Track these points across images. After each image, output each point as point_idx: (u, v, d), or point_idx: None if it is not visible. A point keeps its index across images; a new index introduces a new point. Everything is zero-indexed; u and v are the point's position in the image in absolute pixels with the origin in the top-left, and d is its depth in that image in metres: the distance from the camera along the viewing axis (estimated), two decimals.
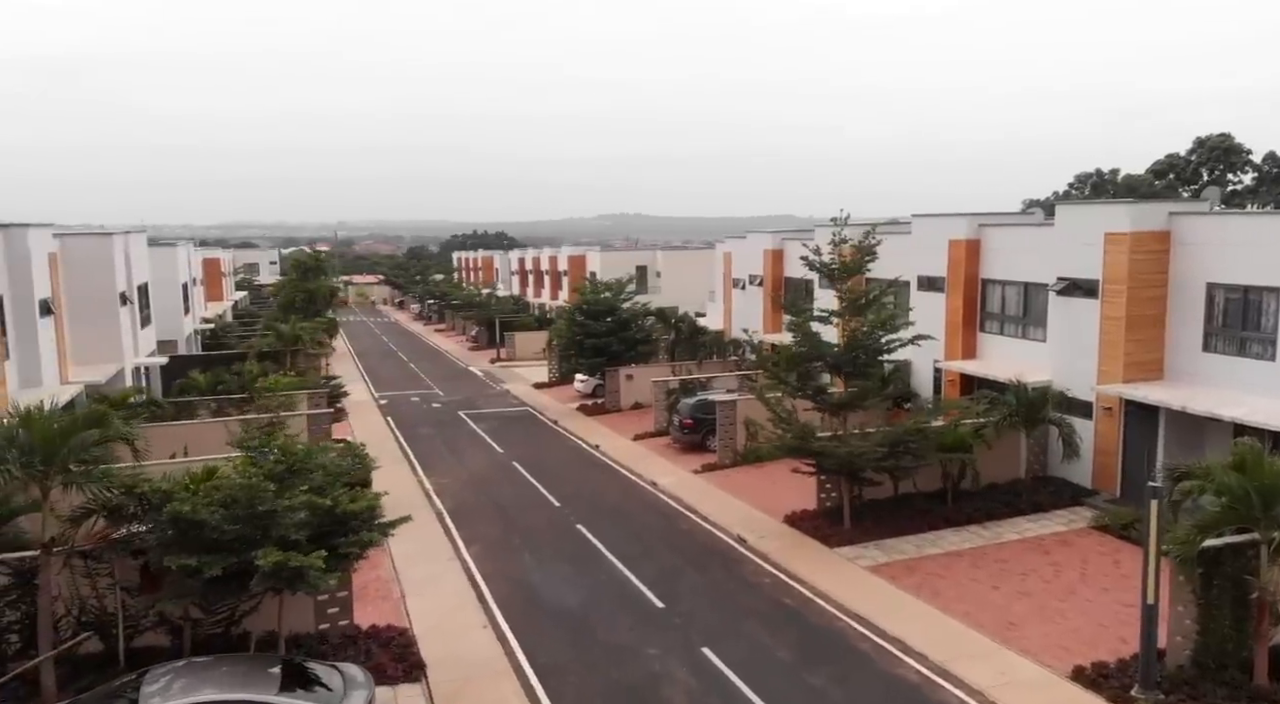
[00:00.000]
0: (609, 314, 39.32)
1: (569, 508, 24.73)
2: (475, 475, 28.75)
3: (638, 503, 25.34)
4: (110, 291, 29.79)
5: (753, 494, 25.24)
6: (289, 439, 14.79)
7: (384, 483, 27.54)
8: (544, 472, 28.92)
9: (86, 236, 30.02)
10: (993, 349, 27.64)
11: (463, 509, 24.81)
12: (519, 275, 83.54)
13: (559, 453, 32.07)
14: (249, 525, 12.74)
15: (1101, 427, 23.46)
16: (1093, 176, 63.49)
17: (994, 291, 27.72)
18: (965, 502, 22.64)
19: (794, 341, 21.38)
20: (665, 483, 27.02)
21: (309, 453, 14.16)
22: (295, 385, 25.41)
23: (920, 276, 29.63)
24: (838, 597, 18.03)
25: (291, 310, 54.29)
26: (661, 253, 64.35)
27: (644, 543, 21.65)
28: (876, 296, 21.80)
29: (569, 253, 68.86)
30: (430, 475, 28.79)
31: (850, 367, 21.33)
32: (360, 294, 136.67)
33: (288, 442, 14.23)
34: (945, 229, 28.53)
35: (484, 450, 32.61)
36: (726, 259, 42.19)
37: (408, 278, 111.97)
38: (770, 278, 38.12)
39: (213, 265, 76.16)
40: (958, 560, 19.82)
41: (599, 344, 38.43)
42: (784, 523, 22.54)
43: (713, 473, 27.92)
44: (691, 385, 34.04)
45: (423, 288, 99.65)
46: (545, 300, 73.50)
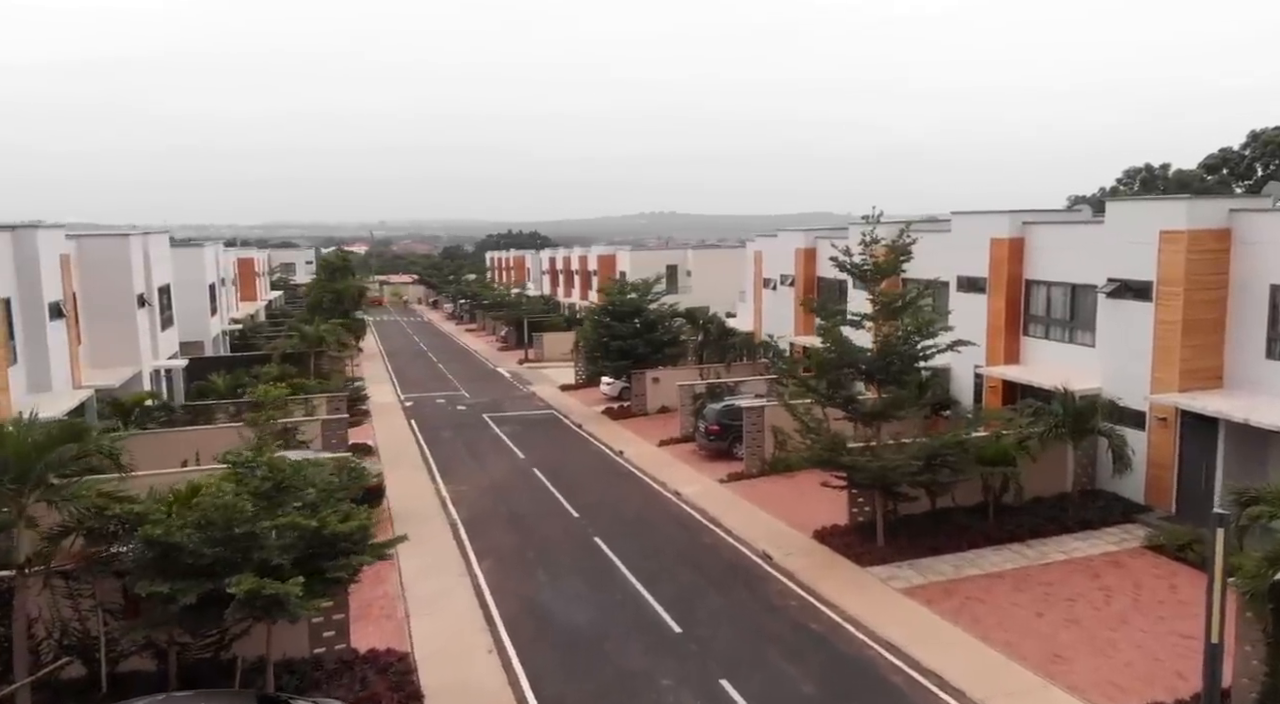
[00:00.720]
0: (635, 315, 38.28)
1: (587, 519, 23.73)
2: (494, 483, 27.87)
3: (659, 514, 24.27)
4: (127, 293, 29.39)
5: (780, 506, 24.05)
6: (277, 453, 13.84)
7: (401, 490, 26.98)
8: (564, 479, 27.96)
9: (102, 238, 29.65)
10: (1037, 354, 26.13)
11: (478, 519, 23.93)
12: (549, 275, 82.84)
13: (581, 459, 31.10)
14: (229, 548, 11.88)
15: (1155, 438, 21.92)
16: (1142, 172, 61.12)
17: (1039, 293, 26.20)
18: (1008, 517, 21.25)
19: (824, 347, 20.12)
20: (689, 492, 25.91)
21: (298, 469, 13.27)
22: (287, 394, 24.42)
23: (960, 277, 28.18)
24: (869, 622, 16.80)
25: (319, 311, 53.95)
26: (692, 252, 63.14)
27: (663, 559, 20.57)
28: (912, 299, 20.49)
29: (598, 252, 67.93)
30: (448, 482, 27.97)
31: (884, 374, 20.04)
32: (395, 294, 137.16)
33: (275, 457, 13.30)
34: (987, 227, 27.06)
35: (505, 456, 31.75)
36: (757, 258, 40.92)
37: (441, 278, 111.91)
38: (802, 278, 36.80)
39: (247, 265, 76.50)
40: (999, 583, 18.48)
41: (625, 346, 37.41)
42: (813, 538, 21.32)
43: (739, 482, 26.76)
44: (718, 390, 32.88)
45: (455, 288, 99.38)
46: (575, 300, 72.66)
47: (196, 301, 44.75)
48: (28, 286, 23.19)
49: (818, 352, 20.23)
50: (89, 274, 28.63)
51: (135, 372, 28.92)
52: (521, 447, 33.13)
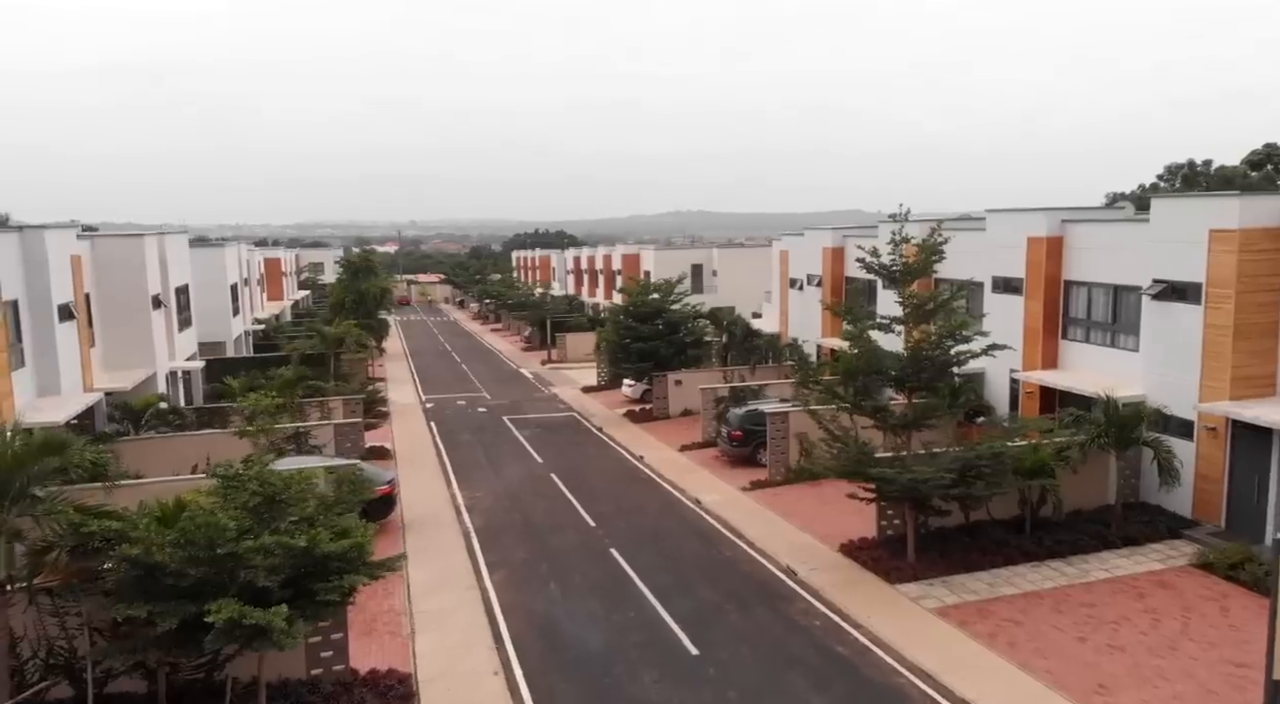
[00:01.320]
0: (657, 316, 37.38)
1: (604, 529, 22.92)
2: (510, 489, 27.14)
3: (679, 524, 23.39)
4: (141, 294, 29.01)
5: (805, 517, 23.08)
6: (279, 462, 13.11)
7: (416, 495, 26.33)
8: (582, 486, 27.18)
9: (116, 238, 29.30)
10: (1077, 359, 24.92)
11: (491, 528, 23.20)
12: (574, 275, 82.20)
13: (600, 464, 30.29)
14: (212, 569, 11.18)
15: (1204, 449, 20.69)
16: (1183, 168, 59.16)
17: (1078, 294, 24.99)
18: (1046, 532, 20.15)
19: (852, 352, 19.12)
20: (710, 501, 25.01)
21: (291, 482, 12.55)
22: (275, 405, 23.74)
23: (995, 277, 27.01)
24: (899, 645, 15.83)
25: (342, 311, 53.59)
26: (718, 250, 62.13)
27: (682, 573, 19.70)
28: (945, 301, 19.42)
29: (623, 251, 67.14)
30: (464, 488, 27.29)
31: (915, 380, 19.01)
32: (423, 293, 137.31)
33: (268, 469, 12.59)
34: (1023, 225, 25.88)
35: (523, 461, 31.02)
36: (783, 258, 39.86)
37: (467, 277, 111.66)
38: (830, 278, 35.72)
39: (273, 265, 76.72)
40: (1038, 603, 17.40)
41: (646, 348, 36.52)
42: (839, 552, 20.35)
43: (762, 490, 25.81)
44: (742, 393, 31.91)
45: (480, 288, 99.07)
46: (599, 300, 71.93)
47: (218, 302, 44.53)
48: (36, 288, 22.80)
49: (846, 356, 19.23)
50: (103, 275, 28.29)
51: (149, 374, 28.53)
52: (540, 451, 32.40)
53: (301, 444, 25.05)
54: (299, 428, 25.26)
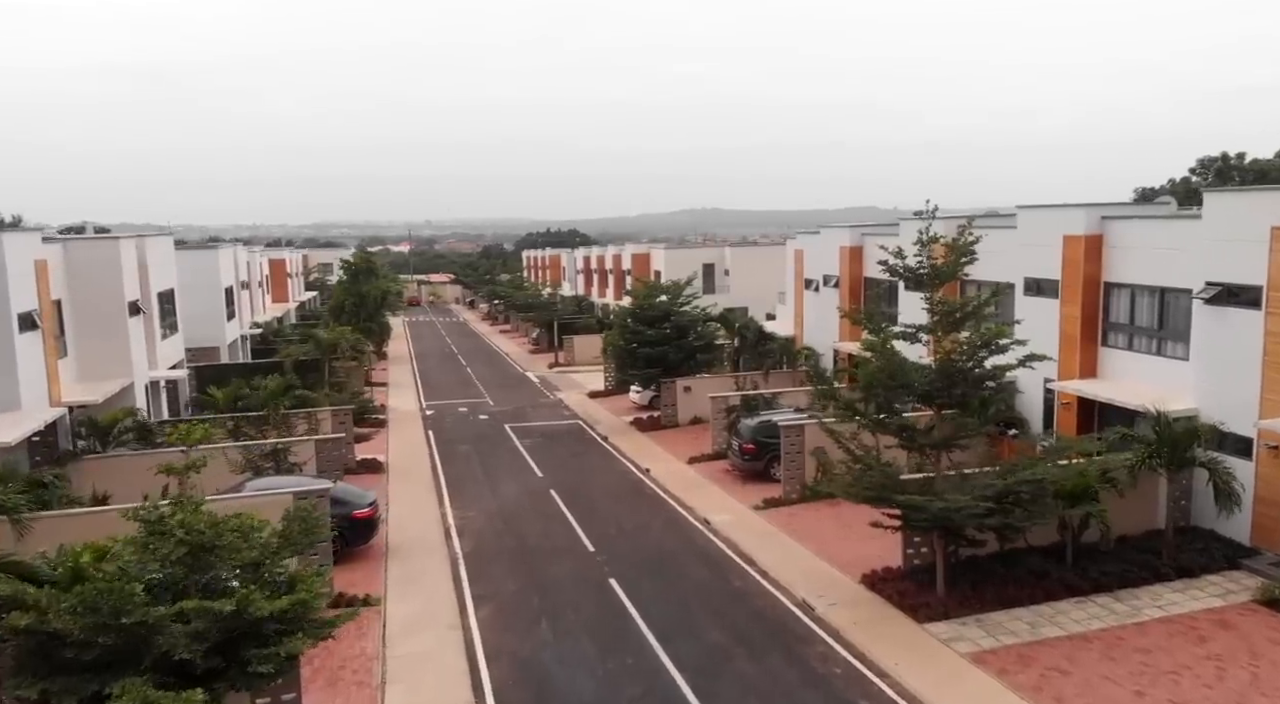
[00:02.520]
0: (665, 319, 35.51)
1: (604, 555, 21.12)
2: (505, 507, 25.38)
3: (685, 549, 21.56)
4: (117, 301, 27.41)
5: (822, 540, 21.21)
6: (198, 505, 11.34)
7: (404, 515, 24.62)
8: (582, 503, 25.39)
9: (89, 241, 27.75)
10: (1118, 368, 22.90)
11: (481, 554, 21.44)
12: (584, 274, 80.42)
13: (603, 479, 28.49)
14: (123, 638, 9.45)
15: (1265, 470, 18.68)
16: (1216, 161, 56.74)
17: (1120, 298, 22.96)
18: (1090, 562, 18.21)
19: (874, 367, 17.20)
20: (719, 521, 23.17)
21: (223, 528, 10.80)
22: (207, 434, 21.91)
23: (1028, 279, 25.01)
24: (931, 701, 13.96)
25: (341, 315, 52.03)
26: (730, 249, 60.13)
27: (687, 608, 17.87)
28: (977, 308, 17.48)
29: (633, 250, 65.24)
30: (456, 507, 25.56)
31: (945, 396, 17.08)
32: (434, 294, 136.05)
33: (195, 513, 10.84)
34: (1059, 222, 23.87)
35: (522, 474, 29.27)
36: (798, 257, 37.89)
37: (477, 277, 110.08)
38: (848, 279, 33.75)
39: (278, 266, 75.36)
40: (1085, 649, 15.47)
41: (653, 353, 34.66)
42: (860, 584, 18.48)
43: (776, 509, 23.94)
44: (754, 402, 30.02)
45: (489, 288, 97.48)
46: (609, 301, 70.09)
47: (210, 306, 43.00)
48: None
49: (867, 368, 17.31)
50: (76, 281, 26.71)
51: (125, 385, 26.92)
52: (541, 463, 30.64)
53: (280, 462, 23.38)
54: (277, 444, 23.58)
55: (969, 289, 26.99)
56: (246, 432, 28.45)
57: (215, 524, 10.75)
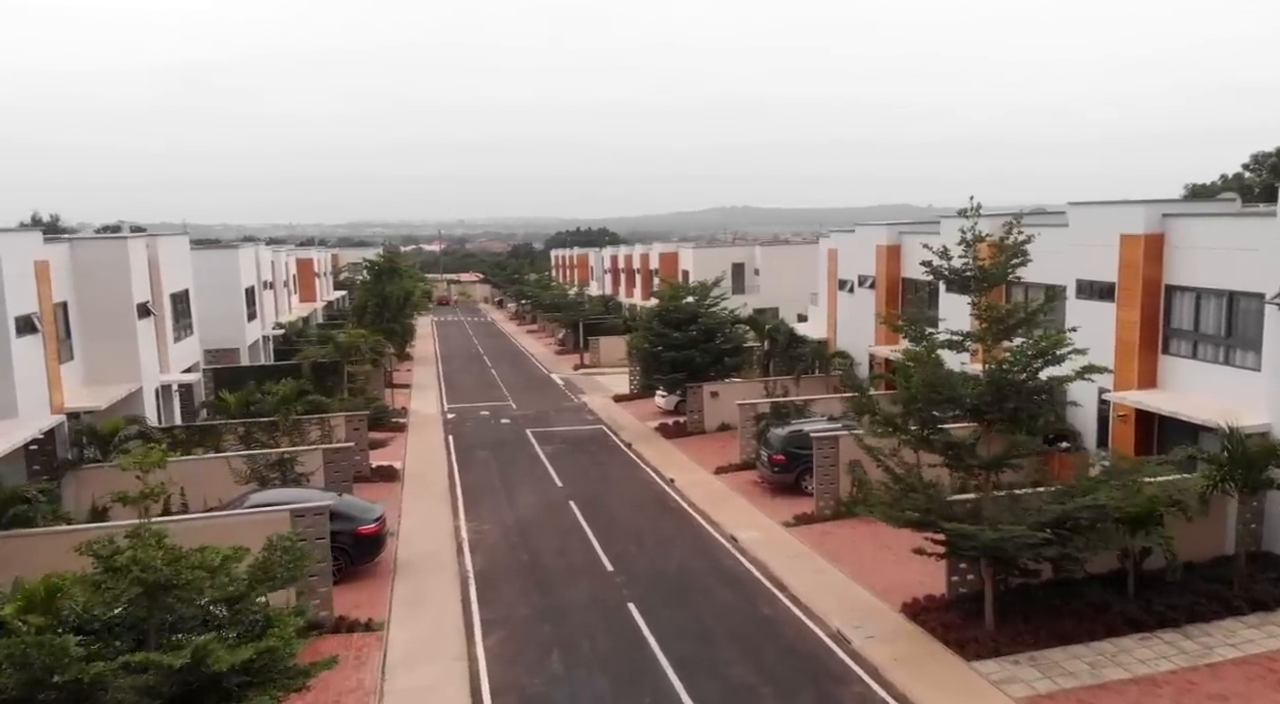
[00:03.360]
0: (692, 322, 34.12)
1: (623, 575, 19.82)
2: (521, 520, 24.18)
3: (711, 568, 20.20)
4: (126, 303, 26.57)
5: (859, 563, 19.75)
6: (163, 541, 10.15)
7: (416, 528, 23.50)
8: (603, 517, 24.12)
9: (97, 241, 26.93)
10: (1181, 378, 21.17)
11: (494, 573, 20.23)
12: (611, 274, 79.19)
13: (625, 489, 27.19)
14: (63, 694, 8.30)
15: None
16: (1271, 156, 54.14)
17: (1183, 302, 21.24)
18: (1154, 592, 16.58)
19: (915, 375, 15.71)
20: (747, 539, 21.79)
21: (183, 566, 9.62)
22: (162, 459, 20.64)
23: (1080, 281, 23.32)
24: None
25: (364, 316, 51.18)
26: (760, 248, 58.53)
27: (711, 638, 16.52)
28: (1031, 314, 15.93)
29: (660, 249, 63.87)
30: (471, 519, 24.40)
31: (995, 411, 15.56)
32: (463, 293, 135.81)
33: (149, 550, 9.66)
34: (1116, 220, 22.17)
35: (541, 484, 28.06)
36: (831, 257, 36.31)
37: (505, 277, 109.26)
38: (884, 280, 32.14)
39: (305, 266, 75.07)
40: (1155, 695, 13.90)
41: (679, 357, 33.28)
42: (901, 613, 17.01)
43: (808, 527, 22.50)
44: (785, 410, 28.59)
45: (516, 288, 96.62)
46: (636, 301, 68.79)
47: (230, 306, 42.37)
48: None
49: (908, 379, 15.83)
50: (83, 283, 25.92)
51: (133, 390, 26.07)
52: (561, 472, 29.43)
53: (287, 472, 22.40)
54: (283, 454, 22.56)
55: (1015, 292, 25.39)
56: (258, 438, 27.55)
57: (175, 560, 9.59)
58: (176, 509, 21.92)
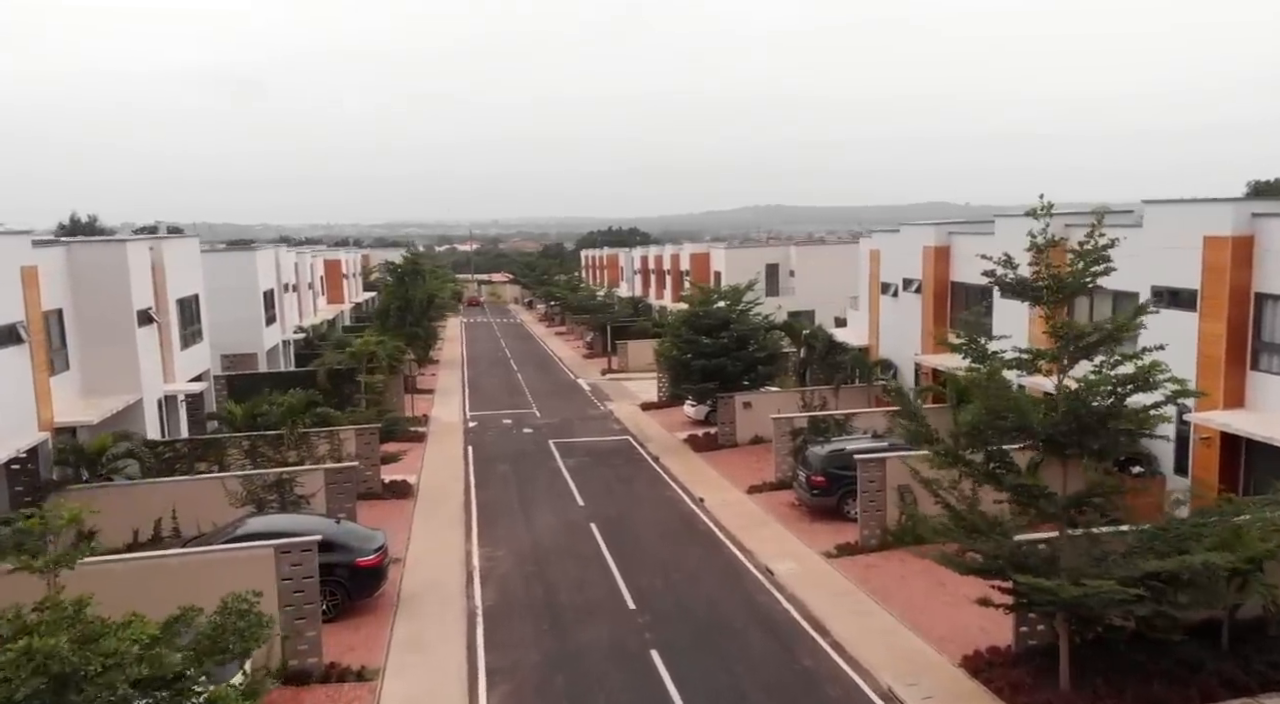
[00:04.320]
0: (724, 328, 32.13)
1: (647, 614, 17.94)
2: (538, 545, 22.39)
3: (744, 607, 18.26)
4: (125, 309, 25.20)
5: (910, 604, 17.70)
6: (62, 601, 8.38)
7: (424, 553, 21.77)
8: (625, 542, 22.27)
9: (94, 245, 25.56)
10: (1273, 397, 18.84)
11: (504, 609, 18.45)
12: (641, 275, 77.32)
13: (651, 511, 25.30)
14: None
15: None
16: None
17: (1275, 312, 18.91)
18: (1254, 648, 14.39)
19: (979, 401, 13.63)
20: (784, 572, 19.82)
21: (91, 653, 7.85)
22: (73, 519, 18.95)
23: (1157, 288, 21.04)
24: None
25: (386, 319, 49.85)
26: (795, 248, 56.32)
27: (744, 696, 14.58)
28: (1118, 329, 13.75)
29: (691, 250, 61.86)
30: (484, 543, 22.67)
31: (1076, 444, 13.43)
32: (494, 294, 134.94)
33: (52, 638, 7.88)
34: (1199, 221, 19.89)
35: (561, 503, 26.28)
36: (874, 258, 34.12)
37: (535, 277, 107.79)
38: (932, 283, 29.91)
39: (333, 267, 74.19)
40: None
41: (710, 366, 31.30)
42: (960, 668, 14.97)
43: (851, 558, 20.47)
44: (824, 424, 26.53)
45: (544, 289, 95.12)
46: (666, 303, 66.88)
47: (247, 310, 41.16)
48: None
49: (970, 406, 13.77)
50: (80, 288, 24.58)
51: (131, 401, 24.68)
52: (583, 488, 27.64)
53: (285, 494, 20.81)
54: (281, 474, 20.96)
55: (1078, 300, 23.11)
56: (263, 451, 26.10)
57: (90, 641, 7.86)
58: (167, 534, 20.50)
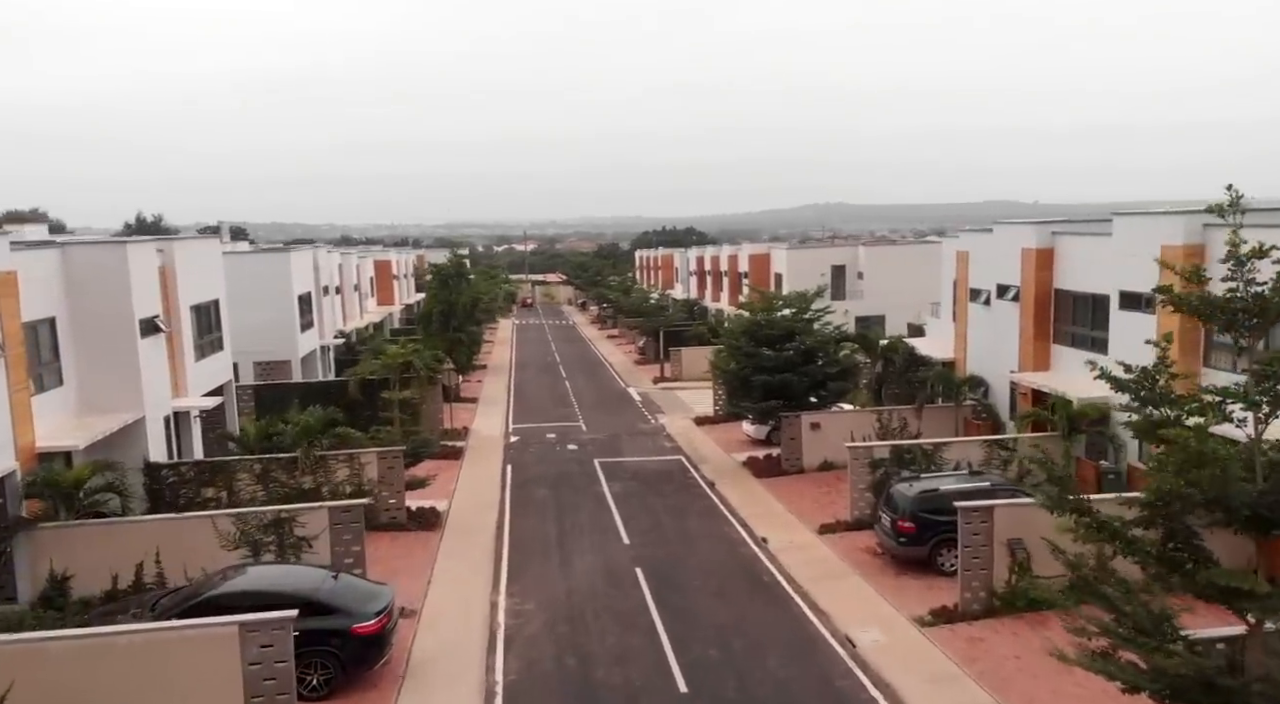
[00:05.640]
0: (788, 339, 28.61)
1: (702, 701, 14.65)
2: (574, 598, 19.22)
3: (822, 696, 14.84)
4: (125, 318, 22.75)
5: (1032, 696, 14.09)
6: None
7: (444, 603, 18.56)
8: (677, 599, 18.99)
9: (91, 247, 23.07)
10: None
11: (528, 686, 15.31)
12: (697, 277, 73.91)
13: (706, 553, 21.97)
14: None
15: None
16: None
17: None
18: None
19: (1170, 463, 10.00)
20: (868, 644, 16.35)
21: None
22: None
23: None
24: None
25: (428, 325, 47.32)
26: (864, 249, 52.35)
27: None
28: None
29: (750, 250, 58.24)
30: (512, 592, 19.60)
31: None
32: (547, 295, 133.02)
33: None
34: None
35: (604, 539, 23.12)
36: (961, 261, 30.20)
37: (587, 278, 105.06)
38: (1032, 290, 25.95)
39: (384, 267, 72.53)
40: None
41: (773, 382, 27.78)
42: None
43: (951, 628, 16.89)
44: (909, 455, 22.90)
45: (596, 290, 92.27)
46: (723, 306, 63.39)
47: (280, 315, 38.91)
48: None
49: (1158, 470, 10.14)
50: (76, 295, 22.21)
51: (131, 420, 22.21)
52: (629, 521, 24.46)
53: (284, 536, 18.01)
54: (280, 513, 18.12)
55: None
56: (276, 477, 23.51)
57: None
58: (150, 580, 17.84)
